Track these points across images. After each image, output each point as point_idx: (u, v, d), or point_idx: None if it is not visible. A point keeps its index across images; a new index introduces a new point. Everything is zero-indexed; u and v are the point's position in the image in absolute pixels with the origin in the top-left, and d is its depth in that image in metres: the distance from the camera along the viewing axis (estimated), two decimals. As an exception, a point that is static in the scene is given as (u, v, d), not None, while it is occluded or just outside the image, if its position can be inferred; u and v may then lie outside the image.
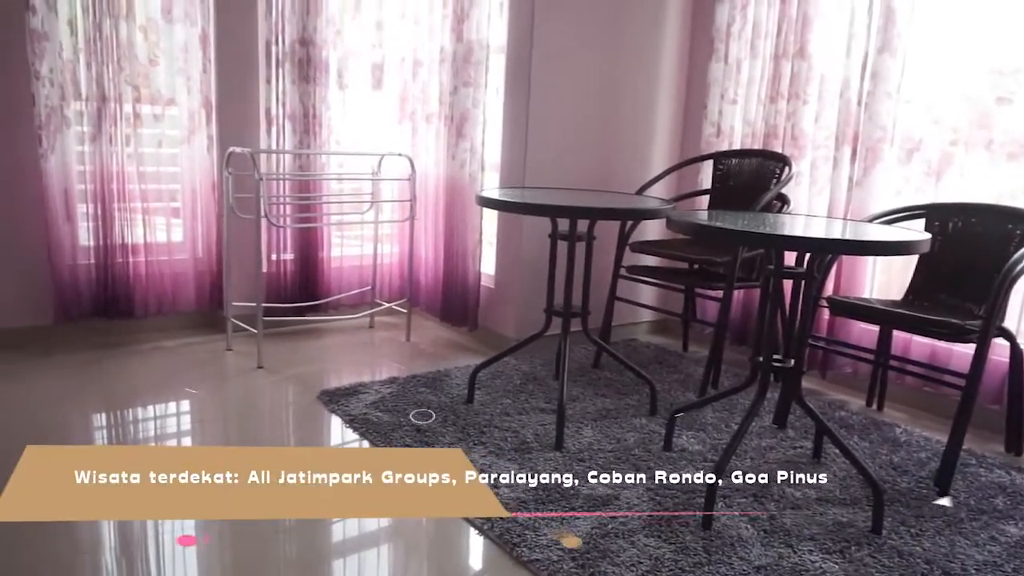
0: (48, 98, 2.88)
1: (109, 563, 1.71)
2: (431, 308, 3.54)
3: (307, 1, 3.21)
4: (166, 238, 3.27)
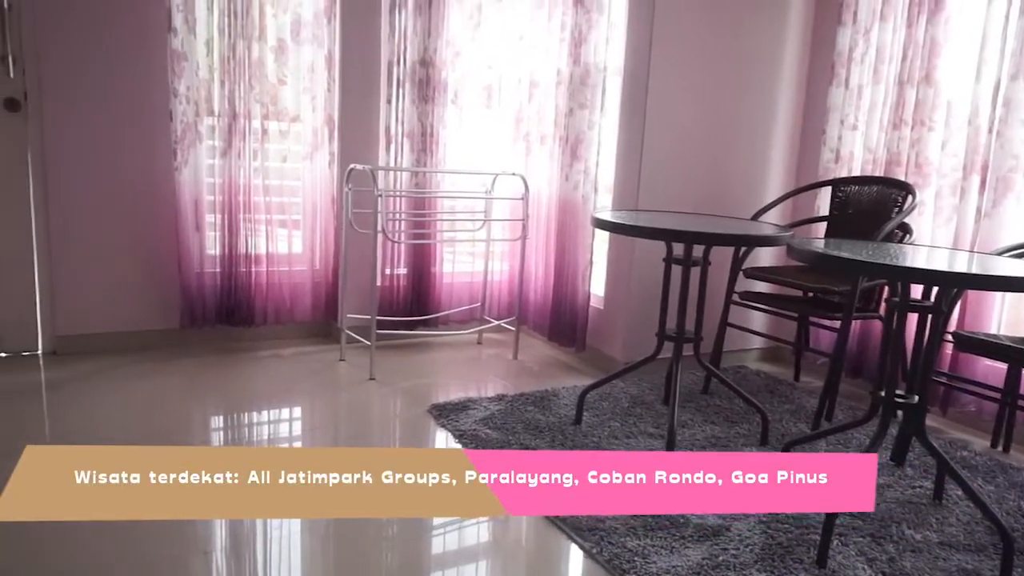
0: (184, 114, 3.05)
1: (220, 561, 1.79)
2: (539, 327, 3.55)
3: (428, 23, 3.30)
4: (286, 250, 3.40)
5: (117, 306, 3.15)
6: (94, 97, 2.96)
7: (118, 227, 3.09)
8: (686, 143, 3.20)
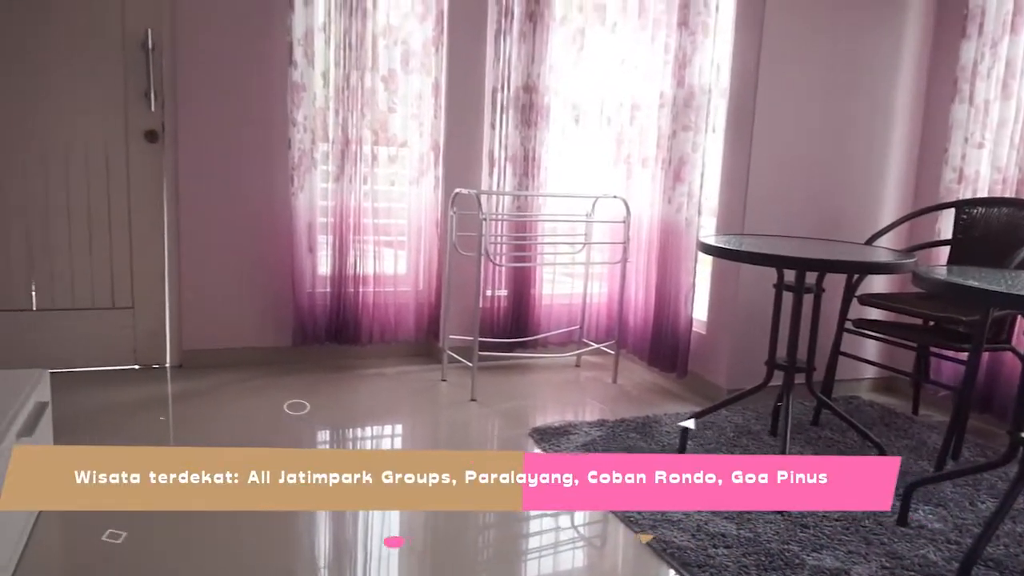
0: (301, 142, 3.21)
1: None
2: (639, 351, 3.52)
3: (532, 50, 3.35)
4: (392, 271, 3.51)
5: (237, 323, 3.33)
6: (222, 128, 3.16)
7: (240, 249, 3.27)
8: (795, 164, 3.10)
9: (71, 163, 3.02)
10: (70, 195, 3.04)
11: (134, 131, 3.07)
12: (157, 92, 3.06)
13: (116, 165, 3.08)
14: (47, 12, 2.90)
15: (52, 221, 3.04)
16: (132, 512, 2.04)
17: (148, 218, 3.15)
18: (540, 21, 3.35)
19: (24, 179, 2.97)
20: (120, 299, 3.17)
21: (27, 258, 3.03)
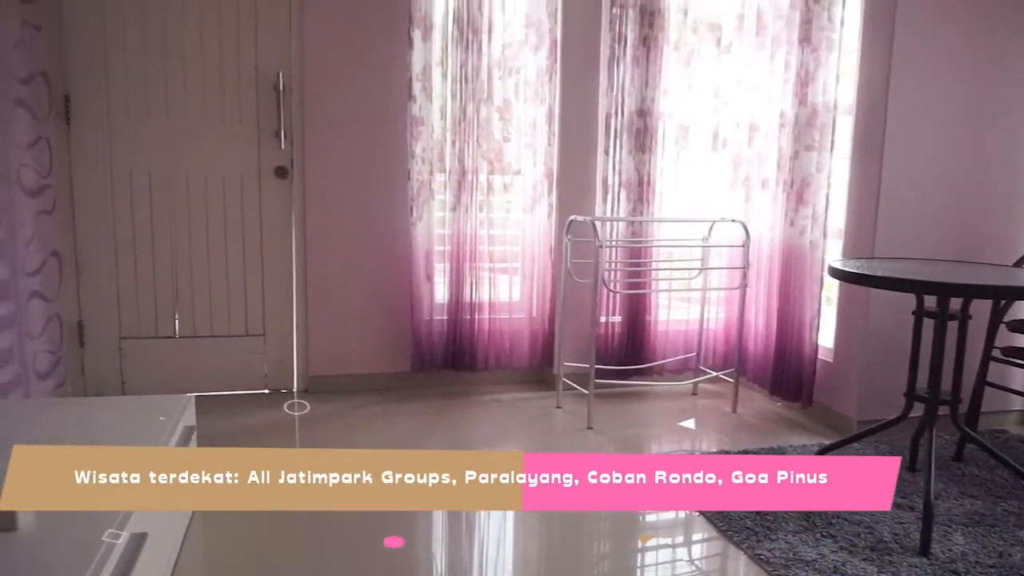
0: (419, 173, 3.30)
1: None
2: (759, 379, 3.39)
3: (646, 74, 3.33)
4: (507, 298, 3.54)
5: (358, 350, 3.44)
6: (345, 162, 3.29)
7: (362, 278, 3.39)
8: (930, 183, 2.93)
9: (210, 199, 3.22)
10: (209, 228, 3.24)
11: (266, 168, 3.25)
12: (286, 131, 3.23)
13: (249, 200, 3.26)
14: (192, 57, 3.12)
15: (194, 253, 3.24)
16: (279, 514, 2.11)
17: (278, 250, 3.32)
18: (654, 45, 3.33)
19: (171, 215, 3.20)
20: (252, 327, 3.35)
21: (172, 288, 3.24)
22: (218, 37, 3.13)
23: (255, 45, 3.17)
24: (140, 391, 3.24)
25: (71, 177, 3.09)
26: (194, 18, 3.10)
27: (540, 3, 3.34)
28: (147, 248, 3.20)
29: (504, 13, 3.32)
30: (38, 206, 2.81)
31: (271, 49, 3.19)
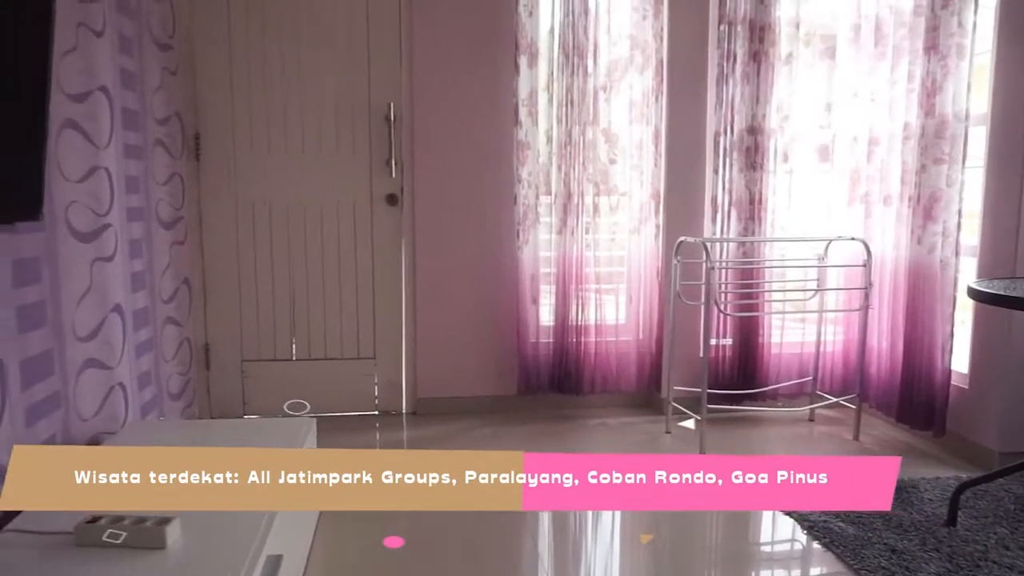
0: (526, 197, 3.32)
1: None
2: (883, 406, 3.21)
3: (756, 90, 3.25)
4: (613, 320, 3.50)
5: (465, 373, 3.47)
6: (453, 189, 3.35)
7: (469, 302, 3.43)
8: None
9: (325, 226, 3.34)
10: (324, 254, 3.36)
11: (377, 195, 3.35)
12: (397, 159, 3.32)
13: (362, 227, 3.36)
14: (309, 94, 3.26)
15: (310, 279, 3.37)
16: (411, 516, 2.13)
17: (388, 275, 3.40)
18: (764, 61, 3.24)
19: (289, 242, 3.33)
20: (364, 350, 3.44)
21: (290, 312, 3.37)
22: (333, 73, 3.26)
23: (368, 79, 3.28)
24: (260, 412, 3.38)
25: (200, 210, 3.27)
26: (311, 57, 3.23)
27: (645, 24, 3.32)
28: (267, 274, 3.34)
29: (609, 36, 3.32)
30: (172, 237, 2.99)
31: (382, 82, 3.29)
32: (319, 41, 3.24)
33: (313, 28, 3.23)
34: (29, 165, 1.72)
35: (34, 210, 1.74)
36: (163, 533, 1.49)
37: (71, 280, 2.10)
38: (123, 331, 2.44)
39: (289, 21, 3.21)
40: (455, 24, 3.27)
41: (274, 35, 3.21)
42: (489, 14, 3.28)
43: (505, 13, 3.26)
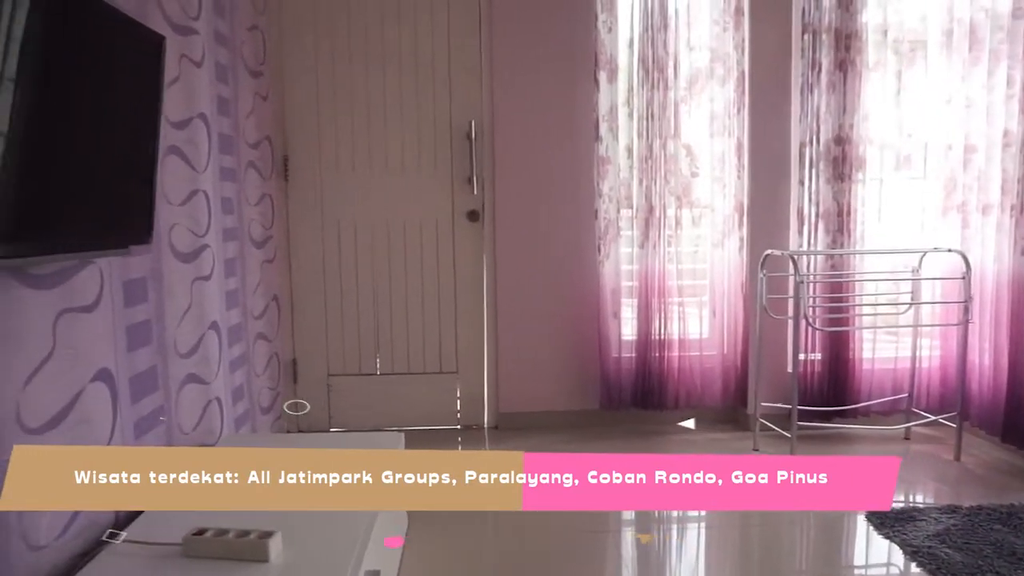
0: (607, 212, 3.31)
1: None
2: (987, 424, 3.06)
3: (843, 99, 3.17)
4: (697, 335, 3.45)
5: (547, 388, 3.48)
6: (534, 204, 3.37)
7: (550, 317, 3.44)
8: None
9: (408, 243, 3.41)
10: (407, 270, 3.42)
11: (459, 212, 3.40)
12: (478, 176, 3.37)
13: (444, 243, 3.42)
14: (392, 114, 3.34)
15: (393, 294, 3.44)
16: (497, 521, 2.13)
17: (470, 290, 3.44)
18: (851, 69, 3.16)
19: (373, 258, 3.41)
20: (446, 365, 3.48)
21: (374, 328, 3.45)
22: (415, 93, 3.33)
23: (449, 98, 3.35)
24: (345, 425, 3.46)
25: (288, 228, 3.38)
26: (394, 77, 3.32)
27: (725, 36, 3.29)
28: (352, 290, 3.43)
29: (690, 50, 3.30)
30: (263, 256, 3.10)
31: (463, 100, 3.35)
32: (402, 63, 3.32)
33: (396, 51, 3.31)
34: (142, 193, 1.81)
35: (145, 234, 1.83)
36: (266, 547, 1.54)
37: (174, 299, 2.20)
38: (219, 347, 2.54)
39: (372, 45, 3.30)
40: (534, 42, 3.31)
41: (359, 59, 3.31)
42: (568, 31, 3.30)
43: (584, 30, 3.28)
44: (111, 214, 1.68)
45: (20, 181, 1.32)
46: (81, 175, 1.54)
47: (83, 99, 1.53)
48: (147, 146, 1.81)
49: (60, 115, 1.45)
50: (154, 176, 1.86)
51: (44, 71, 1.35)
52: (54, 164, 1.43)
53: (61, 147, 1.46)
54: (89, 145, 1.57)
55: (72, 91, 1.49)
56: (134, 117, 1.75)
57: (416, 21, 3.30)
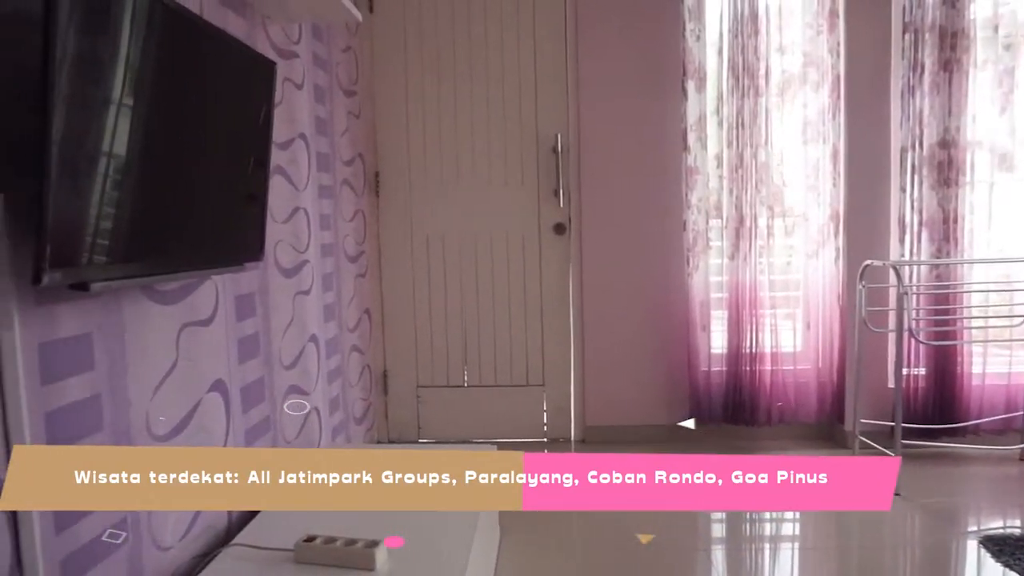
0: (695, 223, 3.26)
1: None
2: (1115, 446, 2.85)
3: (948, 101, 3.02)
4: (790, 348, 3.34)
5: (634, 401, 3.43)
6: (620, 217, 3.35)
7: (637, 330, 3.40)
8: None
9: (495, 256, 3.44)
10: (494, 283, 3.45)
11: (545, 225, 3.41)
12: (564, 189, 3.37)
13: (530, 257, 3.43)
14: (479, 129, 3.38)
15: (481, 307, 3.47)
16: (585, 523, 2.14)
17: (557, 303, 3.44)
18: (957, 69, 3.01)
19: (461, 272, 3.46)
20: (533, 377, 3.49)
21: (462, 340, 3.49)
22: (502, 108, 3.36)
23: (535, 112, 3.36)
24: (433, 436, 3.51)
25: (379, 243, 3.46)
26: (482, 93, 3.36)
27: (820, 40, 3.19)
28: (440, 303, 3.48)
29: (782, 55, 3.21)
30: (356, 270, 3.18)
31: (550, 114, 3.36)
32: (489, 79, 3.36)
33: (483, 67, 3.35)
34: (255, 211, 1.90)
35: (258, 251, 1.92)
36: (373, 556, 1.58)
37: (278, 313, 2.29)
38: (317, 359, 2.62)
39: (460, 62, 3.35)
40: (620, 54, 3.29)
41: (447, 76, 3.36)
42: (654, 42, 3.27)
43: (671, 39, 3.24)
44: (228, 232, 1.77)
45: (150, 204, 1.41)
46: (202, 196, 1.63)
47: (205, 125, 1.62)
48: (260, 167, 1.90)
49: (186, 142, 1.54)
50: (266, 195, 1.95)
51: (169, 99, 1.44)
52: (179, 187, 1.52)
53: (185, 171, 1.54)
54: (209, 168, 1.66)
55: (196, 118, 1.58)
56: (249, 140, 1.84)
57: (503, 37, 3.34)
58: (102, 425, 1.45)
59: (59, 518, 1.34)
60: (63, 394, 1.34)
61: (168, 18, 1.38)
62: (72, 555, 1.36)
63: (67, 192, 1.15)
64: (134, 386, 1.54)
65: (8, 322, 1.20)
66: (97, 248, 1.24)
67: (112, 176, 1.25)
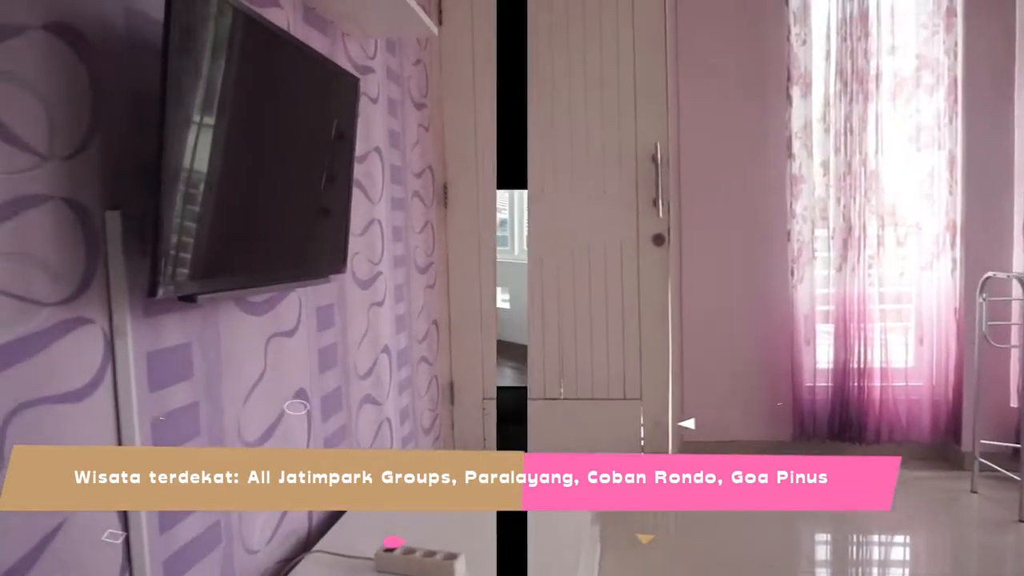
0: (800, 233, 3.16)
1: None
2: None
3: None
4: (901, 364, 3.21)
5: (734, 417, 3.35)
6: (721, 227, 3.28)
7: (738, 344, 3.32)
8: None
9: (592, 266, 3.40)
10: (591, 295, 3.41)
11: (644, 235, 3.35)
12: (663, 199, 3.31)
13: (628, 267, 3.38)
14: (577, 138, 3.34)
15: (578, 318, 3.44)
16: None
17: (655, 315, 3.38)
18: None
19: (558, 282, 3.43)
20: (630, 391, 3.44)
21: (559, 352, 3.47)
22: (600, 118, 3.32)
23: (634, 121, 3.31)
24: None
25: (447, 255, 3.46)
26: (579, 104, 3.32)
27: (935, 41, 3.05)
28: (538, 316, 3.46)
29: (894, 58, 3.09)
30: (425, 282, 3.19)
31: (649, 124, 3.30)
32: (588, 90, 3.31)
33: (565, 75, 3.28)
34: (339, 226, 1.94)
35: (341, 264, 1.97)
36: (452, 568, 1.61)
37: (354, 324, 2.32)
38: (389, 369, 2.65)
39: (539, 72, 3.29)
40: (722, 60, 3.22)
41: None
42: (757, 48, 3.19)
43: (775, 45, 3.15)
44: (315, 244, 1.82)
45: (247, 218, 1.45)
46: (291, 209, 1.67)
47: (295, 141, 1.66)
48: (343, 181, 1.93)
49: (278, 158, 1.58)
50: (349, 208, 1.98)
51: (266, 118, 1.48)
52: (271, 201, 1.56)
53: (277, 186, 1.58)
54: (298, 182, 1.70)
55: (288, 135, 1.62)
56: (334, 154, 1.87)
57: (602, 44, 3.28)
58: (199, 431, 1.51)
59: (163, 518, 1.40)
60: (168, 400, 1.41)
61: (268, 41, 1.43)
62: (174, 555, 1.42)
63: (179, 209, 1.20)
64: (227, 394, 1.60)
65: (122, 331, 1.26)
66: (202, 261, 1.28)
67: (215, 192, 1.29)
